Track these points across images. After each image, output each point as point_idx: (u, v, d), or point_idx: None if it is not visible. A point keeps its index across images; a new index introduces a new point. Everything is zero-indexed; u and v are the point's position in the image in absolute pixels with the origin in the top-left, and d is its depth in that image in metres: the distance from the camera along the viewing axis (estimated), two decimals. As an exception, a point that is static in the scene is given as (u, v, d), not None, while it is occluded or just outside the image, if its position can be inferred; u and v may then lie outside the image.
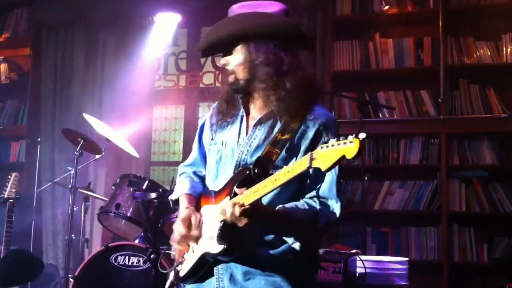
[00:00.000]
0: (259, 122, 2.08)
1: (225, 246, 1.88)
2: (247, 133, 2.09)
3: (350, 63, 5.10)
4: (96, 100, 5.58)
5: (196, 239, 2.02)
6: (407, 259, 3.95)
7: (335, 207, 1.98)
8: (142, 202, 3.81)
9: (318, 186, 1.99)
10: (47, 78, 5.80)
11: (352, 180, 4.96)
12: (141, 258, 3.76)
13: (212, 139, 2.20)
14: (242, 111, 2.14)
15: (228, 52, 2.11)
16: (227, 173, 2.07)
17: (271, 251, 1.99)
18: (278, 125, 2.02)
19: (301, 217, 1.93)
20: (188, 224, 2.03)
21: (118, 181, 4.25)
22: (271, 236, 1.99)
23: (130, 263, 3.78)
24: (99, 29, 5.71)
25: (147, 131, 5.66)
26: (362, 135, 1.62)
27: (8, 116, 6.12)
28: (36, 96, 5.84)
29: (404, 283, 3.81)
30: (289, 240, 1.97)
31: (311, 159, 1.70)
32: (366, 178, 4.61)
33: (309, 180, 1.98)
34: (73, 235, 4.28)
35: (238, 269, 2.00)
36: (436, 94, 4.84)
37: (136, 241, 3.96)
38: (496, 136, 4.73)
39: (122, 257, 3.79)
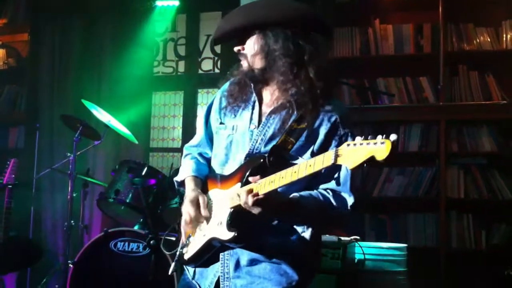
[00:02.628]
0: (274, 111, 2.04)
1: (235, 234, 1.86)
2: (259, 121, 2.06)
3: (349, 49, 5.08)
4: (95, 86, 5.56)
5: (205, 220, 2.01)
6: (405, 245, 3.96)
7: (348, 200, 1.99)
8: (141, 188, 3.82)
9: (332, 179, 1.97)
10: (46, 64, 5.78)
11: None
12: (140, 244, 3.77)
13: (221, 122, 2.16)
14: (254, 97, 2.10)
15: (242, 40, 2.06)
16: (237, 160, 2.05)
17: (280, 239, 1.98)
18: (294, 115, 1.98)
19: (314, 207, 1.92)
20: (196, 205, 2.02)
21: (117, 167, 4.25)
22: (280, 224, 1.98)
23: (129, 249, 3.80)
24: (98, 14, 5.68)
25: (146, 117, 5.65)
26: (393, 137, 1.55)
27: (7, 102, 6.10)
28: (34, 82, 5.82)
29: (402, 269, 3.83)
30: (299, 229, 1.97)
31: (336, 155, 1.63)
32: (365, 164, 4.61)
33: (323, 172, 1.92)
34: (72, 221, 4.28)
35: (244, 256, 2.00)
36: (436, 81, 4.83)
37: (136, 227, 3.97)
38: (495, 123, 4.73)
39: (122, 243, 3.80)
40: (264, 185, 1.81)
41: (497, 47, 4.79)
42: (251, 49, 2.04)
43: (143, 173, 4.08)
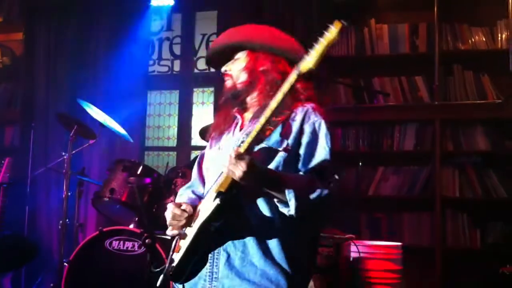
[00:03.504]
0: (254, 117, 2.10)
1: (219, 202, 1.87)
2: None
3: (345, 48, 5.09)
4: (90, 85, 5.54)
5: (188, 217, 2.04)
6: (400, 244, 3.97)
7: (329, 182, 1.96)
8: (136, 187, 3.82)
9: (312, 164, 1.99)
10: (41, 63, 5.76)
11: (346, 166, 4.97)
12: (135, 243, 3.77)
13: (210, 148, 2.26)
14: (238, 118, 2.18)
15: (231, 58, 2.20)
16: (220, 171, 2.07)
17: (270, 228, 1.97)
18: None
19: (297, 179, 1.93)
20: (178, 205, 2.07)
21: (112, 166, 4.24)
22: (270, 213, 1.97)
23: (124, 248, 3.79)
24: (93, 13, 5.66)
25: (141, 116, 5.64)
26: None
27: (2, 101, 6.08)
28: (29, 80, 5.79)
29: (397, 268, 3.84)
30: (285, 210, 1.92)
31: (298, 68, 1.82)
32: (360, 164, 4.63)
33: (302, 158, 1.99)
34: (67, 220, 4.27)
35: (235, 253, 1.98)
36: (431, 80, 4.85)
37: (131, 226, 3.96)
38: (490, 122, 4.75)
39: (117, 242, 3.80)
40: (244, 144, 1.86)
41: (492, 46, 4.81)
42: (238, 65, 2.16)
43: (139, 172, 4.08)
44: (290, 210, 1.89)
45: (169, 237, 2.27)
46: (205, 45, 5.65)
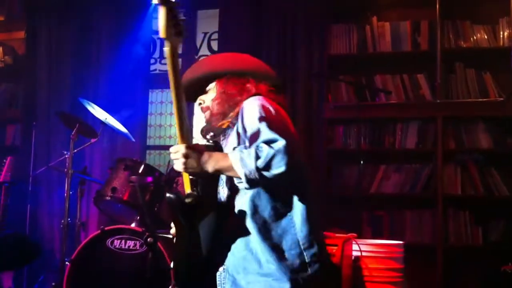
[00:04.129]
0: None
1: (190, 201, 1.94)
2: None
3: (347, 46, 5.08)
4: (92, 84, 5.55)
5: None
6: (402, 242, 3.96)
7: (275, 144, 1.89)
8: (138, 186, 3.82)
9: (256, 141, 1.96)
10: (42, 62, 5.76)
11: (348, 164, 4.97)
12: (137, 242, 3.77)
13: None
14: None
15: (203, 89, 2.29)
16: None
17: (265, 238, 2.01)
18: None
19: (239, 152, 1.91)
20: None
21: (114, 165, 4.25)
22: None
23: (126, 247, 3.79)
24: (94, 12, 5.67)
25: (143, 115, 5.64)
26: None
27: (3, 100, 6.08)
28: (31, 79, 5.80)
29: (399, 267, 3.83)
30: (241, 185, 1.94)
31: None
32: (362, 162, 4.62)
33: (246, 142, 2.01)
34: (69, 219, 4.27)
35: (240, 276, 2.03)
36: (433, 78, 4.84)
37: (133, 225, 3.96)
38: (492, 120, 4.73)
39: (119, 241, 3.80)
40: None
41: (494, 44, 4.79)
42: (210, 96, 2.24)
43: (140, 171, 4.09)
44: (242, 182, 1.90)
45: (170, 237, 2.28)
46: (206, 44, 5.64)
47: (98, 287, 3.83)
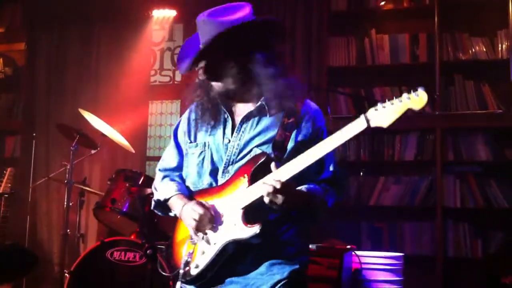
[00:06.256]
0: (246, 119, 2.11)
1: (259, 228, 1.91)
2: (232, 132, 2.11)
3: (345, 58, 5.10)
4: (92, 95, 5.56)
5: (211, 228, 2.03)
6: (402, 254, 3.96)
7: (337, 190, 2.10)
8: (138, 197, 3.81)
9: (322, 173, 2.09)
10: (42, 73, 5.78)
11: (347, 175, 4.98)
12: (137, 254, 3.76)
13: (191, 142, 2.21)
14: (226, 113, 2.16)
15: (211, 64, 2.10)
16: (212, 175, 2.11)
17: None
18: (279, 114, 2.07)
19: (319, 195, 2.02)
20: (203, 206, 2.03)
21: (113, 176, 4.24)
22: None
23: (126, 259, 3.78)
24: (94, 24, 5.70)
25: (142, 126, 5.65)
26: (422, 88, 1.78)
27: (3, 111, 6.10)
28: (31, 91, 5.82)
29: (398, 278, 3.83)
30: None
31: (367, 120, 1.79)
32: (361, 173, 4.62)
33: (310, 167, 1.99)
34: (68, 230, 4.27)
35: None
36: (432, 90, 4.85)
37: (132, 237, 3.96)
38: (491, 131, 4.74)
39: (118, 253, 3.79)
40: (281, 172, 1.89)
41: (492, 56, 4.81)
42: (217, 74, 2.09)
43: (140, 182, 4.08)
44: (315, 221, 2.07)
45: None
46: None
47: (97, 299, 3.83)
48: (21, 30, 6.06)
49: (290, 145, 2.04)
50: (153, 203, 2.31)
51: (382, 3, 5.04)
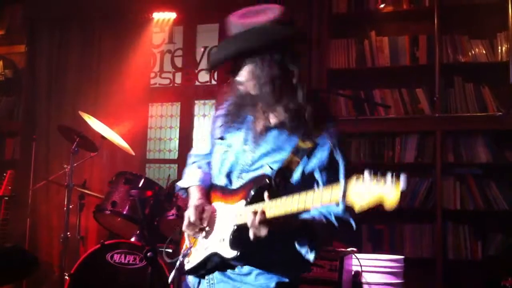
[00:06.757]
0: (267, 129, 2.09)
1: (238, 253, 1.90)
2: (254, 140, 2.09)
3: (345, 60, 5.11)
4: (92, 98, 5.57)
5: (205, 232, 2.04)
6: (402, 257, 3.97)
7: (353, 225, 2.11)
8: (138, 200, 3.81)
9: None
10: (42, 75, 5.79)
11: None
12: (137, 256, 3.77)
13: (221, 137, 2.21)
14: (250, 118, 2.14)
15: (236, 68, 2.09)
16: (227, 177, 2.11)
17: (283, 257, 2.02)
18: (295, 135, 2.03)
19: (319, 227, 1.97)
20: (200, 211, 2.05)
21: (114, 178, 4.25)
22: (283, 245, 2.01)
23: (126, 261, 3.79)
24: (95, 26, 5.70)
25: (142, 128, 5.65)
26: (403, 183, 1.63)
27: (3, 113, 6.10)
28: (31, 93, 5.82)
29: (399, 281, 3.83)
30: (302, 251, 1.99)
31: (344, 195, 1.66)
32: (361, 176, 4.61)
33: (318, 187, 1.96)
34: (68, 233, 4.27)
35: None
36: (432, 92, 4.86)
37: (132, 239, 3.95)
38: (491, 133, 4.75)
39: (118, 255, 3.79)
40: (270, 207, 1.83)
41: (492, 58, 4.81)
42: (244, 76, 2.07)
43: (140, 185, 4.08)
44: (309, 255, 1.99)
45: (170, 251, 2.29)
46: (206, 58, 5.67)
47: (97, 302, 3.83)
48: (21, 33, 6.06)
49: (297, 173, 2.00)
50: (176, 186, 2.34)
51: (382, 5, 5.04)
